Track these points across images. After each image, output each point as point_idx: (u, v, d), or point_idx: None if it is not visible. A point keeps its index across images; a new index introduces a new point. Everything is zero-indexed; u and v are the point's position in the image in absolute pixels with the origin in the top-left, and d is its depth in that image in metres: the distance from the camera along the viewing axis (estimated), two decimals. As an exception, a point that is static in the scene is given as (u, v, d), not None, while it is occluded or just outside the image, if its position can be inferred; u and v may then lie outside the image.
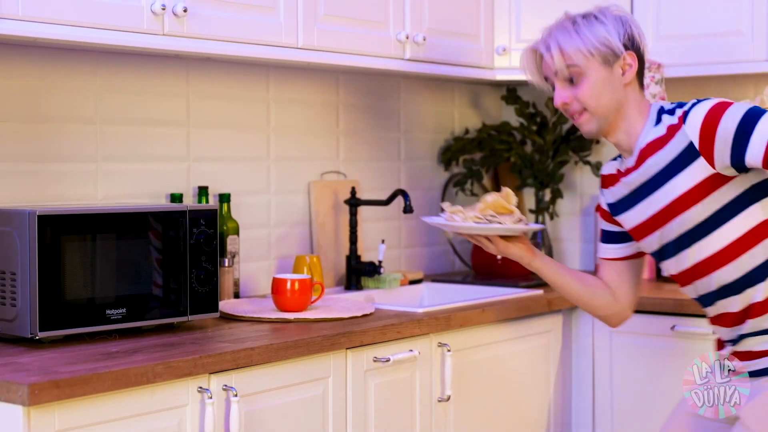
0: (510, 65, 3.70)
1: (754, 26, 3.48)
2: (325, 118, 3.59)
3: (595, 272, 2.86)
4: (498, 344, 3.18)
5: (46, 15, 2.42)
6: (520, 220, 2.64)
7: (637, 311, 3.37)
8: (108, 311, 2.49)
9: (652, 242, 2.55)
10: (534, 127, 4.09)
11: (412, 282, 3.66)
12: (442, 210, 2.69)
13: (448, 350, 2.94)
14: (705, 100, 2.44)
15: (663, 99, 3.62)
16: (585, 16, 2.52)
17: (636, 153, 2.51)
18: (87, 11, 2.49)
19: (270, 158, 3.41)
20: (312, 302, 2.96)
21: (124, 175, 3.01)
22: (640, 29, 2.56)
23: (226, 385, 2.38)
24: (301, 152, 3.50)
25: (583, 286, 2.72)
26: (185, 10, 2.66)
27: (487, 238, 2.65)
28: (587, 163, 4.04)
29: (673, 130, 2.44)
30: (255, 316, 2.83)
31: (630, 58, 2.51)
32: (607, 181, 2.66)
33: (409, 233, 3.90)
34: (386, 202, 3.48)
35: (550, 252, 4.05)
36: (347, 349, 2.67)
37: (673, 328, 3.29)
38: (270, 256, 3.39)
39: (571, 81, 2.50)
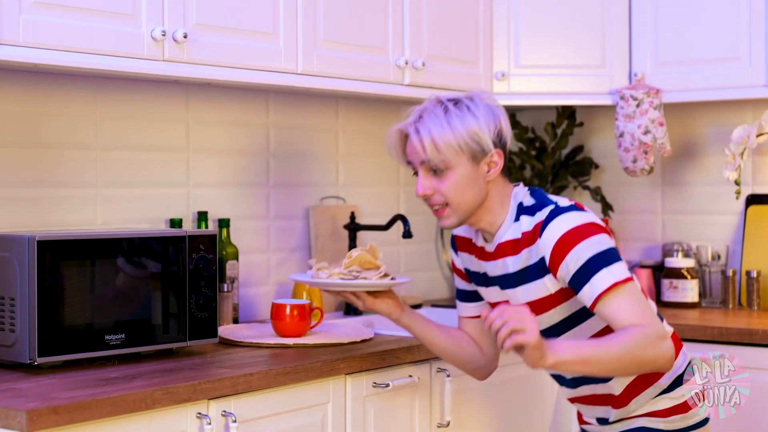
0: (509, 91, 3.71)
1: (752, 51, 3.49)
2: (324, 144, 3.60)
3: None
4: (498, 369, 3.17)
5: (47, 41, 2.43)
6: (385, 275, 2.58)
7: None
8: (107, 337, 2.49)
9: None
10: (533, 152, 4.10)
11: (412, 307, 3.65)
12: (310, 267, 2.65)
13: (448, 375, 2.93)
14: (563, 212, 2.38)
15: (662, 125, 3.63)
16: (457, 104, 2.43)
17: (495, 245, 2.49)
18: (87, 37, 2.50)
19: (269, 183, 3.41)
20: (311, 327, 2.96)
21: (124, 201, 3.02)
22: (507, 121, 2.48)
23: (225, 411, 2.37)
24: (300, 177, 3.50)
25: (451, 340, 2.65)
26: (185, 37, 2.67)
27: (354, 294, 2.58)
28: (586, 188, 4.04)
29: (527, 240, 2.41)
30: (254, 341, 2.82)
31: (497, 156, 2.44)
32: (461, 246, 2.62)
33: (409, 258, 3.90)
34: (385, 227, 3.48)
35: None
36: (346, 374, 2.67)
37: (672, 353, 3.28)
38: (269, 282, 3.39)
39: (435, 171, 2.43)
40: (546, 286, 2.41)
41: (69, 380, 2.30)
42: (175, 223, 3.06)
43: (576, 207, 2.41)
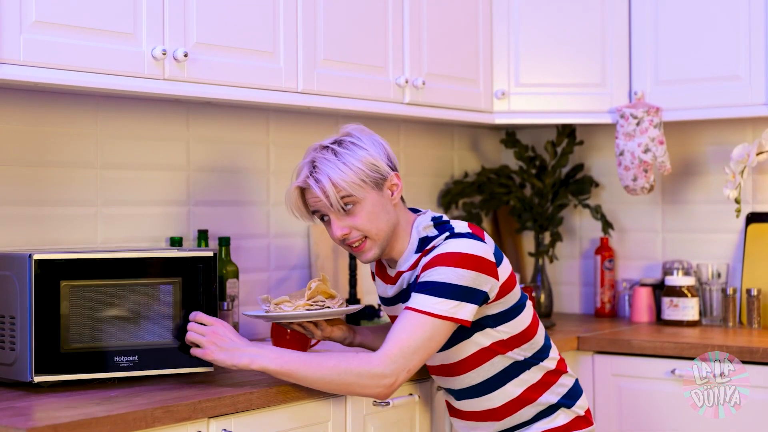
0: (509, 109, 3.72)
1: (751, 70, 3.50)
2: (324, 162, 3.59)
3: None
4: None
5: (48, 60, 2.44)
6: (342, 303, 2.67)
7: (639, 354, 3.37)
8: (115, 358, 2.48)
9: None
10: (533, 171, 4.10)
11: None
12: (266, 301, 2.66)
13: (448, 394, 2.93)
14: (455, 238, 2.47)
15: (662, 143, 3.63)
16: (341, 144, 2.52)
17: (395, 272, 2.61)
18: (88, 56, 2.51)
19: (270, 202, 3.42)
20: (312, 346, 2.95)
21: (124, 219, 3.02)
22: (388, 144, 2.58)
23: (225, 430, 2.37)
24: (300, 196, 3.50)
25: None
26: (186, 55, 2.67)
27: (314, 324, 2.69)
28: (586, 206, 4.04)
29: (415, 266, 2.54)
30: (254, 360, 2.82)
31: (396, 178, 2.56)
32: (377, 271, 2.75)
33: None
34: (386, 246, 3.48)
35: (550, 295, 4.05)
36: (347, 393, 2.66)
37: (673, 371, 3.28)
38: (269, 300, 3.39)
39: (345, 211, 2.50)
40: None
41: (69, 399, 2.29)
42: (176, 241, 3.06)
43: (471, 235, 2.50)
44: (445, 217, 2.60)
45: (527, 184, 4.14)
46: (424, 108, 3.42)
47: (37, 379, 2.37)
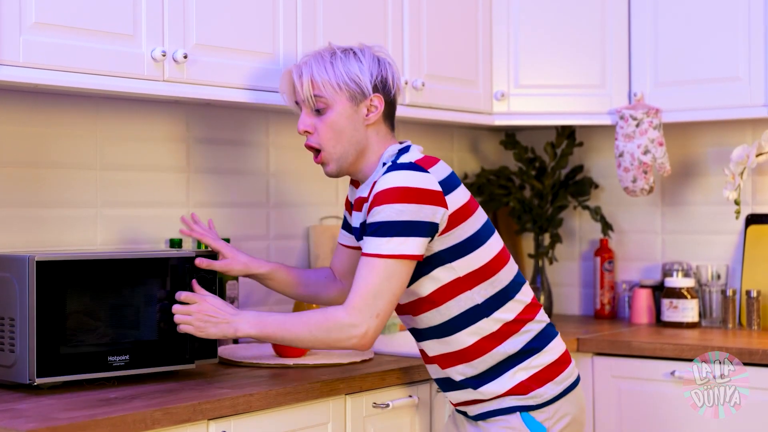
0: (509, 110, 3.72)
1: (751, 72, 3.50)
2: (324, 163, 3.59)
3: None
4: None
5: (47, 62, 2.43)
6: None
7: (638, 356, 3.38)
8: (108, 358, 2.48)
9: None
10: (533, 172, 4.10)
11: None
12: None
13: (448, 396, 2.92)
14: (393, 170, 2.45)
15: (661, 144, 3.63)
16: (345, 51, 2.58)
17: (356, 197, 2.62)
18: (88, 58, 2.51)
19: (269, 203, 3.42)
20: (311, 347, 2.95)
21: (124, 221, 3.02)
22: (397, 76, 2.61)
23: (224, 431, 2.37)
24: (300, 197, 3.51)
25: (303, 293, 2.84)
26: (185, 57, 2.67)
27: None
28: (586, 207, 4.04)
29: (370, 194, 2.51)
30: (254, 361, 2.82)
31: (377, 101, 2.56)
32: (355, 183, 2.72)
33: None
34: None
35: (550, 296, 4.05)
36: (346, 394, 2.66)
37: (673, 373, 3.28)
38: (269, 301, 3.39)
39: (318, 112, 2.56)
40: None
41: (68, 400, 2.29)
42: (175, 243, 3.06)
43: (412, 165, 2.46)
44: (411, 146, 2.57)
45: (527, 186, 4.14)
46: (424, 109, 3.42)
47: (37, 381, 2.37)
